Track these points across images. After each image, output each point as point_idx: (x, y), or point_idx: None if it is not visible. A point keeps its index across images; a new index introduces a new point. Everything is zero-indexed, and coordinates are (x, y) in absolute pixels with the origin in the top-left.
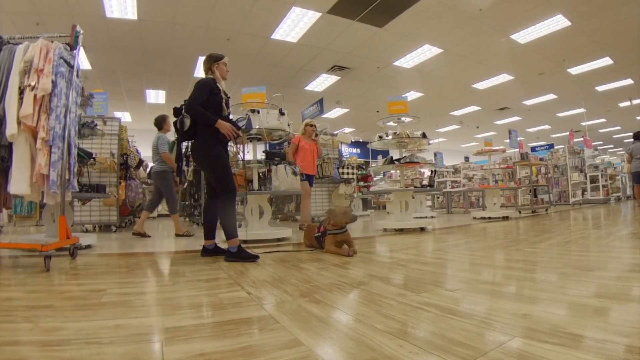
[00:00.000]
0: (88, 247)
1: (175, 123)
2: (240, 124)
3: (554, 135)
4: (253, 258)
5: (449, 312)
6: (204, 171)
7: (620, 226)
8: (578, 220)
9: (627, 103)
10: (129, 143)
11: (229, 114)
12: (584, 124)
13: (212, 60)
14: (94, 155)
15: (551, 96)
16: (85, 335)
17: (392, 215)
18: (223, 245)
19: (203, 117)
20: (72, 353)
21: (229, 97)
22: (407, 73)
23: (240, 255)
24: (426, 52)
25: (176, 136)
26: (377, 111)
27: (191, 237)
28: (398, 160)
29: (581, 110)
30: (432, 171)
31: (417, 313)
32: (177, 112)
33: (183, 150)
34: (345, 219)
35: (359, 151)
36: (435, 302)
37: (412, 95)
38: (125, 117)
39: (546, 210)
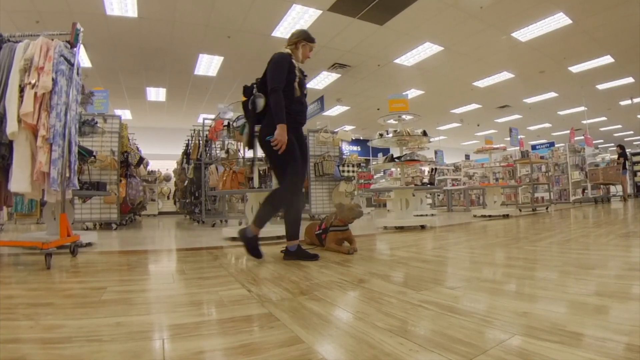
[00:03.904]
0: (89, 244)
1: (245, 104)
2: (240, 122)
3: (554, 134)
4: (314, 257)
5: (449, 310)
6: (267, 157)
7: (620, 224)
8: (578, 218)
9: (628, 101)
10: (129, 141)
11: (305, 95)
12: (584, 122)
13: (303, 37)
14: (94, 153)
15: (552, 94)
16: (85, 332)
17: (393, 213)
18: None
19: (276, 109)
20: (73, 351)
21: (306, 76)
22: (408, 71)
23: (304, 254)
24: (427, 49)
25: (245, 118)
26: (378, 109)
27: None
28: (398, 158)
29: (582, 108)
30: (432, 169)
31: (417, 311)
32: (247, 90)
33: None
34: (352, 215)
35: (359, 149)
36: (436, 299)
37: (412, 93)
38: (125, 114)
39: (546, 208)
